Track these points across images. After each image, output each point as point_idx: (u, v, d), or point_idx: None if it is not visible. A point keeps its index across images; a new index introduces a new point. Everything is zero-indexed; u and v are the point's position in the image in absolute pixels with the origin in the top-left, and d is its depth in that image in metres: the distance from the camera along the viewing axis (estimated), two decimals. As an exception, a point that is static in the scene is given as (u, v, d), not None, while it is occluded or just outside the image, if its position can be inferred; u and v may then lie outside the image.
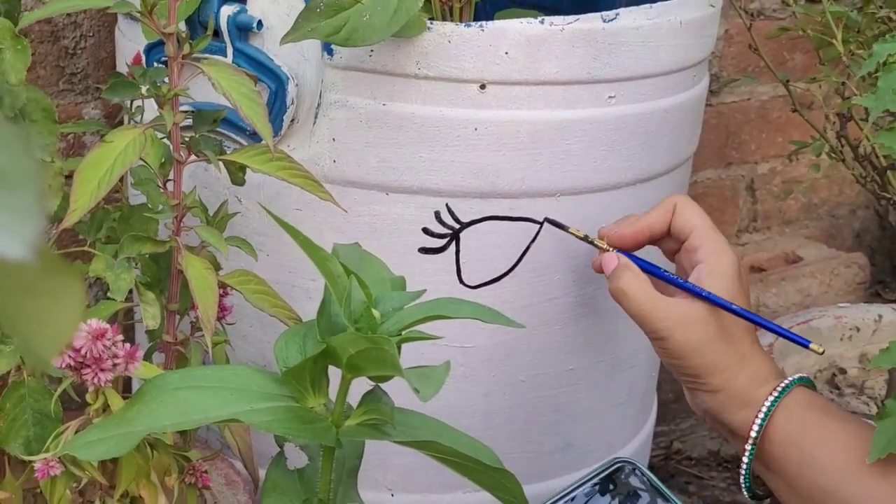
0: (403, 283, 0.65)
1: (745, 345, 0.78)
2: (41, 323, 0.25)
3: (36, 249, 0.20)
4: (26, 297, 0.25)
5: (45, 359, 0.26)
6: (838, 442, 0.73)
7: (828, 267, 1.46)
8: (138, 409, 0.59)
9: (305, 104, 0.84)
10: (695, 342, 0.77)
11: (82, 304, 0.25)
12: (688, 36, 0.87)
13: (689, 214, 0.81)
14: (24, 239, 0.19)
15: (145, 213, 0.70)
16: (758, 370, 0.77)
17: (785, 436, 0.75)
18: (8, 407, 0.65)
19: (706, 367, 0.77)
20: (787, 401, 0.76)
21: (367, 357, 0.57)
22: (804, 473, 0.74)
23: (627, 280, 0.79)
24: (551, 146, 0.83)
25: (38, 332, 0.25)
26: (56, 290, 0.24)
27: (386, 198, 0.84)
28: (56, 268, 0.24)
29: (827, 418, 0.75)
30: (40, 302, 0.25)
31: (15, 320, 0.25)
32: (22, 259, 0.19)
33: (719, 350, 0.77)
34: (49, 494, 0.62)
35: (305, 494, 0.65)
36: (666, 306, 0.78)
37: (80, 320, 0.24)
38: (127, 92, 0.73)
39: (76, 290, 0.25)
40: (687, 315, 0.77)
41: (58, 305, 0.25)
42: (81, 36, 1.11)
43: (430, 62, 0.80)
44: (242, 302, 0.80)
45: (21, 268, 0.23)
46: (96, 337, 0.57)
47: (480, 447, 0.64)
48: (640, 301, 0.78)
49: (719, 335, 0.77)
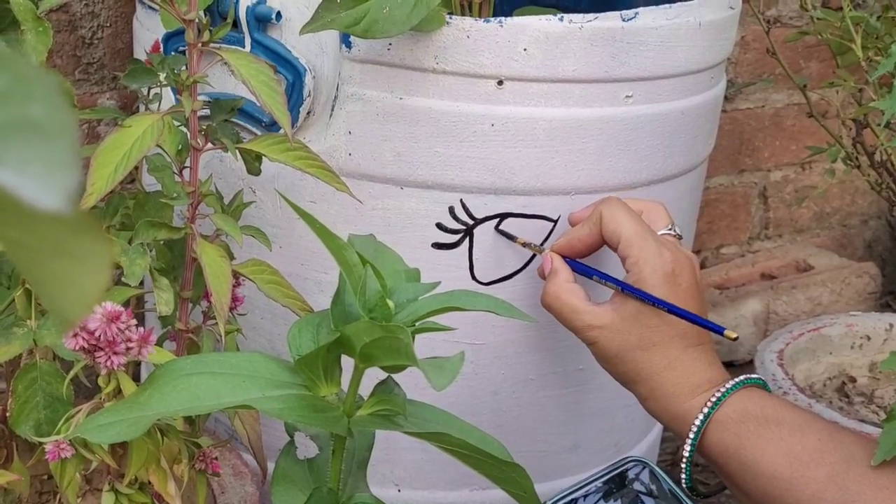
0: (418, 275, 0.64)
1: (673, 352, 0.77)
2: (68, 284, 0.25)
3: (71, 201, 0.20)
4: (55, 258, 0.24)
5: (70, 320, 0.26)
6: (778, 451, 0.72)
7: (839, 276, 1.46)
8: (150, 393, 0.59)
9: (322, 97, 0.84)
10: (615, 350, 0.77)
11: (110, 267, 0.25)
12: (707, 37, 0.87)
13: (616, 224, 0.79)
14: (60, 190, 0.19)
15: (161, 199, 0.70)
16: (685, 379, 0.76)
17: (722, 449, 0.74)
18: (20, 389, 0.65)
19: (629, 376, 0.78)
20: (720, 414, 0.74)
21: (381, 346, 0.57)
22: (749, 482, 0.73)
23: (550, 290, 0.80)
24: (567, 144, 0.83)
25: (65, 293, 0.25)
26: (85, 252, 0.24)
27: (400, 192, 0.83)
28: (86, 228, 0.24)
29: (764, 427, 0.73)
30: (69, 262, 0.25)
31: (43, 280, 0.25)
32: (57, 210, 0.19)
33: (639, 359, 0.77)
34: (59, 477, 0.62)
35: (315, 484, 0.64)
36: (588, 315, 0.78)
37: (107, 283, 0.24)
38: (145, 79, 0.73)
39: (105, 252, 0.25)
40: (608, 323, 0.77)
41: (86, 267, 0.25)
42: (99, 26, 1.12)
43: (448, 57, 0.80)
44: (253, 293, 0.80)
45: (52, 227, 0.23)
46: (111, 319, 0.57)
47: (491, 441, 0.64)
48: (562, 311, 0.79)
49: (639, 344, 0.77)
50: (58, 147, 0.19)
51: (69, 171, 0.19)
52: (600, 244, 0.82)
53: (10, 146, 0.19)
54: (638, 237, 0.78)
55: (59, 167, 0.19)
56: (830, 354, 1.19)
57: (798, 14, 1.44)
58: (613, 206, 0.80)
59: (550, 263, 0.81)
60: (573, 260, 0.82)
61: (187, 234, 0.70)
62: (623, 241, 0.78)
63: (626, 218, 0.79)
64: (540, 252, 0.84)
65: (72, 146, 0.19)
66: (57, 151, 0.19)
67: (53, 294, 0.25)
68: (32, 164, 0.19)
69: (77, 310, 0.26)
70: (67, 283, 0.25)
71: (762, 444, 0.72)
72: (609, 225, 0.79)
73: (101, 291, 0.25)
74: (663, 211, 0.83)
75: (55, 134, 0.20)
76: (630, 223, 0.79)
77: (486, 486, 0.92)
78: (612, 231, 0.79)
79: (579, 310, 0.78)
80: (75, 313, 0.25)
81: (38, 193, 0.19)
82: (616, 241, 0.79)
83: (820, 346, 1.18)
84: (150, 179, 0.78)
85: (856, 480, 0.69)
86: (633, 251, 0.78)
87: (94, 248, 0.24)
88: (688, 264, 0.79)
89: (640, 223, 0.79)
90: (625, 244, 0.78)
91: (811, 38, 1.36)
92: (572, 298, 0.79)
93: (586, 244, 0.81)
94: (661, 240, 0.79)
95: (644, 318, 0.77)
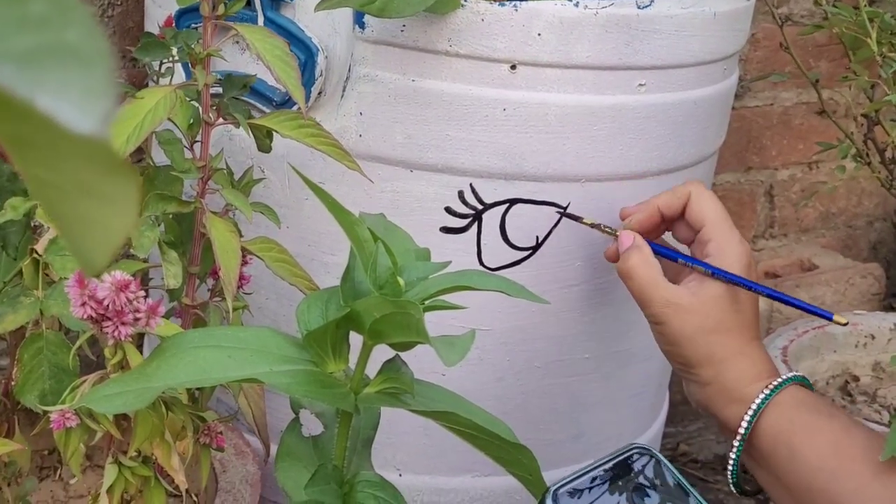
0: (428, 255, 0.64)
1: (743, 340, 0.78)
2: (94, 225, 0.25)
3: (108, 125, 0.19)
4: (82, 198, 0.24)
5: (95, 263, 0.25)
6: (828, 441, 0.73)
7: (843, 276, 1.45)
8: (157, 364, 0.58)
9: (334, 77, 0.83)
10: (690, 331, 0.77)
11: (137, 209, 0.25)
12: (721, 28, 0.87)
13: (704, 205, 0.80)
14: (97, 114, 0.19)
15: (171, 173, 0.69)
16: (750, 367, 0.77)
17: (774, 433, 0.75)
18: (25, 359, 0.65)
19: (698, 358, 0.78)
20: (778, 398, 0.75)
21: (391, 322, 0.56)
22: (793, 471, 0.73)
23: (635, 261, 0.79)
24: (579, 131, 0.83)
25: (91, 235, 0.25)
26: (113, 192, 0.24)
27: (410, 175, 0.83)
28: (115, 167, 0.23)
29: (817, 417, 0.74)
30: (96, 203, 0.24)
31: (68, 221, 0.25)
32: (94, 133, 0.19)
33: (713, 342, 0.77)
34: (63, 447, 0.61)
35: (320, 461, 0.64)
36: (668, 292, 0.78)
37: (133, 225, 0.24)
38: (158, 52, 0.73)
39: (132, 194, 0.24)
40: (687, 304, 0.78)
41: (113, 208, 0.24)
42: (109, 4, 1.11)
43: (462, 40, 0.79)
44: (259, 273, 0.80)
45: (80, 165, 0.23)
46: (120, 288, 0.57)
47: (498, 423, 0.64)
48: (643, 283, 0.79)
49: (716, 328, 0.77)
50: (94, 72, 0.19)
51: (106, 96, 0.19)
52: (674, 220, 0.82)
53: (48, 70, 0.19)
54: (723, 222, 0.80)
55: (96, 92, 0.19)
56: (834, 353, 1.18)
57: (809, 13, 1.44)
58: (702, 188, 0.82)
59: (632, 240, 0.81)
60: (656, 244, 0.82)
61: (197, 208, 0.70)
62: (709, 224, 0.80)
63: (714, 202, 0.81)
64: (610, 233, 0.83)
65: (108, 71, 0.19)
66: (94, 76, 0.19)
67: (79, 235, 0.25)
68: (70, 89, 0.19)
69: (102, 253, 0.25)
70: (93, 224, 0.25)
71: (813, 433, 0.73)
72: (697, 205, 0.80)
73: (128, 233, 0.25)
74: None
75: (91, 59, 0.19)
76: (718, 208, 0.80)
77: (487, 472, 0.92)
78: (698, 212, 0.80)
79: (658, 284, 0.78)
80: (100, 255, 0.25)
81: (76, 117, 0.19)
82: (701, 223, 0.80)
83: (824, 344, 1.18)
84: (160, 156, 0.78)
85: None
86: (718, 236, 0.79)
87: (121, 189, 0.24)
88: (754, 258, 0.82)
89: (724, 210, 0.81)
90: (710, 227, 0.80)
91: (821, 38, 1.36)
92: (653, 271, 0.79)
93: (666, 216, 0.82)
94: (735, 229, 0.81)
95: (723, 304, 0.78)
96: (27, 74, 0.19)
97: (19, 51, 0.19)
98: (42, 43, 0.19)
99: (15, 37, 0.19)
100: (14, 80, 0.19)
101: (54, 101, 0.19)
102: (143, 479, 0.65)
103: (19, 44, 0.19)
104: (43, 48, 0.19)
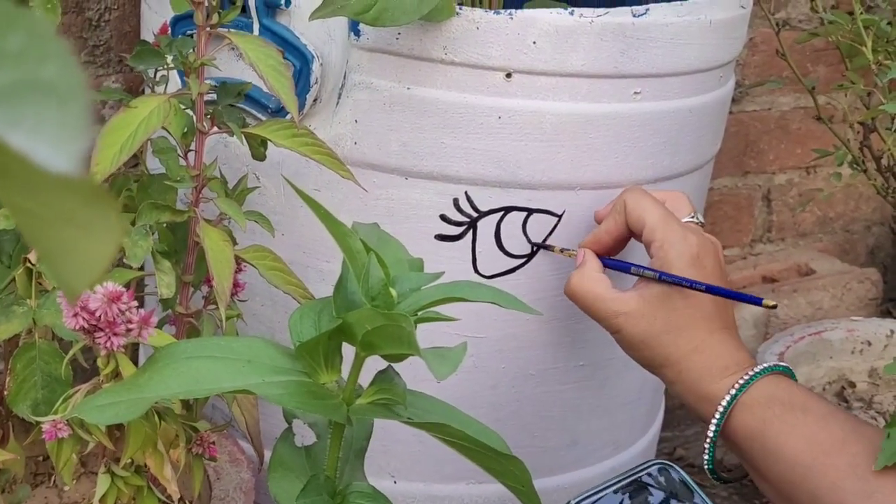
0: (421, 265, 0.64)
1: (699, 336, 0.77)
2: (75, 253, 0.25)
3: (82, 164, 0.19)
4: (63, 227, 0.24)
5: (76, 290, 0.25)
6: (802, 437, 0.72)
7: (840, 281, 1.45)
8: (150, 375, 0.58)
9: (329, 84, 0.83)
10: (640, 335, 0.78)
11: (118, 237, 0.25)
12: (717, 36, 0.87)
13: (640, 211, 0.80)
14: (72, 153, 0.19)
15: (165, 182, 0.69)
16: (713, 361, 0.77)
17: (747, 432, 0.74)
18: (18, 368, 0.65)
19: (656, 360, 0.78)
20: (747, 397, 0.75)
21: (383, 334, 0.56)
22: (770, 467, 0.73)
23: (574, 282, 0.81)
24: (574, 139, 0.83)
25: (72, 263, 0.25)
26: (93, 221, 0.24)
27: (405, 182, 0.83)
28: (95, 197, 0.23)
29: (790, 412, 0.73)
30: (77, 231, 0.24)
31: (50, 250, 0.25)
32: (68, 173, 0.19)
33: (666, 343, 0.77)
34: (55, 457, 0.61)
35: (312, 472, 0.64)
36: (614, 303, 0.78)
37: (114, 253, 0.24)
38: (153, 60, 0.72)
39: (113, 222, 0.24)
40: (634, 309, 0.78)
41: (93, 236, 0.24)
42: (106, 8, 1.11)
43: (457, 48, 0.79)
44: (254, 280, 0.79)
45: (61, 195, 0.23)
46: (112, 299, 0.57)
47: (490, 433, 0.64)
48: (587, 301, 0.80)
49: (665, 328, 0.77)
50: (71, 109, 0.19)
51: (81, 134, 0.19)
52: (627, 235, 0.82)
53: (23, 107, 0.19)
54: (662, 222, 0.79)
55: (71, 129, 0.19)
56: (831, 359, 1.18)
57: (807, 17, 1.44)
58: (637, 194, 0.81)
59: (581, 258, 0.82)
60: (608, 258, 0.83)
61: (190, 217, 0.70)
62: (648, 226, 0.79)
63: (651, 204, 0.80)
64: (572, 255, 0.84)
65: (84, 108, 0.19)
66: (70, 114, 0.19)
67: (60, 264, 0.25)
68: (45, 126, 0.19)
69: (83, 280, 0.25)
70: (74, 252, 0.25)
71: (786, 430, 0.73)
72: (634, 212, 0.80)
73: (109, 261, 0.25)
74: (686, 200, 0.84)
75: (68, 96, 0.19)
76: (654, 209, 0.80)
77: (482, 480, 0.92)
78: (636, 218, 0.80)
79: (604, 297, 0.79)
80: (81, 283, 0.25)
81: (51, 156, 0.19)
82: (641, 228, 0.80)
83: (820, 350, 1.18)
84: (154, 163, 0.78)
85: (877, 473, 0.69)
86: (658, 235, 0.79)
87: (102, 218, 0.24)
88: (712, 248, 0.80)
89: (664, 209, 0.80)
90: (650, 230, 0.79)
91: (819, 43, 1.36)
92: (596, 287, 0.79)
93: (613, 236, 0.82)
94: (685, 225, 0.80)
95: (670, 302, 0.77)
96: (3, 111, 0.19)
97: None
98: (18, 79, 0.19)
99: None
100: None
101: (28, 140, 0.19)
102: (136, 489, 0.65)
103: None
104: (19, 84, 0.19)
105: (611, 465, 0.98)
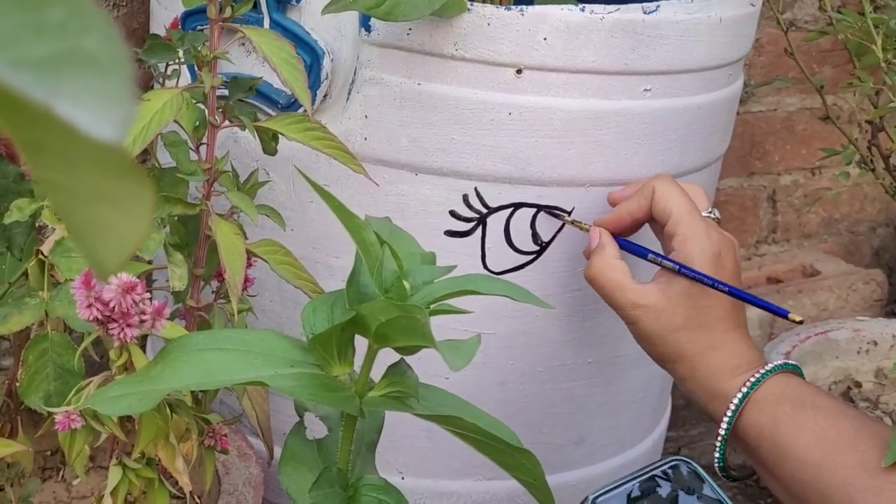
0: (433, 259, 0.64)
1: (716, 334, 0.77)
2: (108, 230, 0.25)
3: (126, 133, 0.19)
4: (96, 203, 0.24)
5: (108, 268, 0.25)
6: (812, 434, 0.72)
7: (845, 282, 1.45)
8: (162, 367, 0.58)
9: (339, 80, 0.84)
10: (658, 330, 0.77)
11: (151, 215, 0.25)
12: (726, 33, 0.87)
13: (667, 200, 0.79)
14: (116, 121, 0.19)
15: (177, 175, 0.69)
16: (727, 360, 0.76)
17: (757, 430, 0.75)
18: (30, 360, 0.65)
19: (670, 356, 0.78)
20: (758, 395, 0.75)
21: (397, 326, 0.56)
22: (780, 465, 0.73)
23: (597, 267, 0.79)
24: (584, 136, 0.83)
25: (104, 240, 0.25)
26: (127, 198, 0.24)
27: (415, 178, 0.83)
28: (130, 172, 0.23)
29: (801, 410, 0.74)
30: (109, 208, 0.24)
31: (81, 226, 0.25)
32: (111, 138, 0.19)
33: (683, 339, 0.77)
34: (68, 449, 0.61)
35: (324, 465, 0.64)
36: (634, 294, 0.78)
37: (147, 231, 0.24)
38: (164, 54, 0.73)
39: (146, 199, 0.24)
40: (654, 303, 0.77)
41: (127, 213, 0.24)
42: (114, 5, 1.11)
43: (468, 44, 0.79)
44: (263, 276, 0.79)
45: (94, 170, 0.23)
46: (126, 290, 0.57)
47: (502, 427, 0.64)
48: (607, 289, 0.79)
49: (684, 325, 0.77)
50: (112, 79, 0.19)
51: (124, 102, 0.19)
52: (646, 220, 0.82)
53: (66, 77, 0.19)
54: (688, 215, 0.78)
55: (114, 98, 0.19)
56: (837, 359, 1.18)
57: (814, 18, 1.44)
58: (666, 183, 0.80)
59: (598, 238, 0.81)
60: (625, 239, 0.82)
61: (202, 210, 0.70)
62: (673, 217, 0.78)
63: (679, 196, 0.79)
64: (585, 229, 0.83)
65: (126, 78, 0.19)
66: (112, 83, 0.19)
67: (92, 241, 0.25)
68: (88, 96, 0.19)
69: (116, 258, 0.25)
70: (108, 229, 0.25)
71: (797, 428, 0.73)
72: (661, 201, 0.79)
73: (142, 239, 0.25)
74: (704, 194, 0.83)
75: (109, 66, 0.19)
76: (682, 201, 0.79)
77: (490, 476, 0.92)
78: (662, 207, 0.79)
79: (624, 287, 0.78)
80: (113, 261, 0.25)
81: (94, 124, 0.19)
82: (665, 218, 0.79)
83: (826, 349, 1.18)
84: (165, 157, 0.78)
85: (887, 470, 0.69)
86: (682, 230, 0.78)
87: (135, 194, 0.24)
88: (731, 246, 0.80)
89: (691, 203, 0.79)
90: (674, 222, 0.78)
91: (825, 44, 1.36)
92: (617, 275, 0.79)
93: (635, 218, 0.81)
94: (707, 221, 0.80)
95: (691, 299, 0.77)
96: (45, 82, 0.19)
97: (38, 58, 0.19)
98: (60, 50, 0.19)
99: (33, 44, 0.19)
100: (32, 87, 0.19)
101: (72, 108, 0.19)
102: (147, 481, 0.65)
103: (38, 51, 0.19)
104: (61, 55, 0.19)
105: (618, 463, 0.98)
